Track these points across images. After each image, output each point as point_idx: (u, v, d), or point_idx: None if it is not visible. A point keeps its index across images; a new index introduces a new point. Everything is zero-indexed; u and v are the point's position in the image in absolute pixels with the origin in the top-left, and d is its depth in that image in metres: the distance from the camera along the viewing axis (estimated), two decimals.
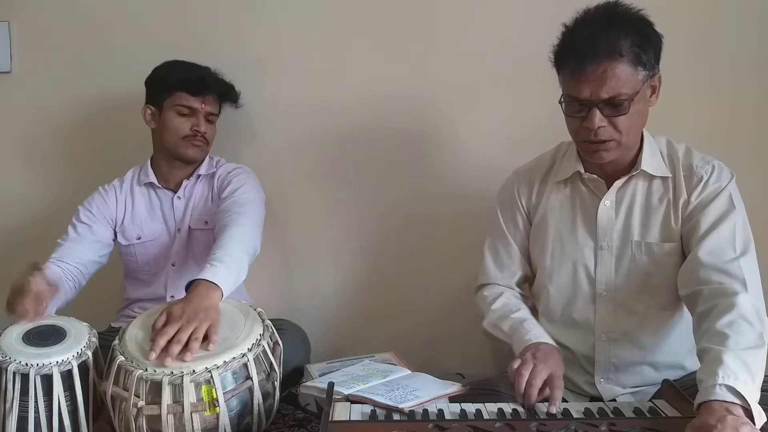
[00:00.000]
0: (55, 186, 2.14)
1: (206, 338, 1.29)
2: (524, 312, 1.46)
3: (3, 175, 2.17)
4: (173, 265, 1.81)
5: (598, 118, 1.29)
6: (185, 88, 1.78)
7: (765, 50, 1.82)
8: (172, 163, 1.84)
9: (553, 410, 1.22)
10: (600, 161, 1.37)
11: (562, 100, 1.34)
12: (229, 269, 1.43)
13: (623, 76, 1.26)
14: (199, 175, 1.84)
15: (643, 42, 1.28)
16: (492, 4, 1.91)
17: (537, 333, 1.37)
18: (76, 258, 1.70)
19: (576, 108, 1.31)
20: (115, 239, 1.83)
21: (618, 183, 1.40)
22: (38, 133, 2.14)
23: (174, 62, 1.84)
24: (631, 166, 1.40)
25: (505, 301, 1.49)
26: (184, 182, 1.84)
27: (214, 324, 1.31)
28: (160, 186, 1.85)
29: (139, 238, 1.82)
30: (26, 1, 2.10)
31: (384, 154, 2.00)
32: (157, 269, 1.82)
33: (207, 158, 1.88)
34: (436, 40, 1.94)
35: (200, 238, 1.80)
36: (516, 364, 1.28)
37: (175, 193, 1.84)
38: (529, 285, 1.59)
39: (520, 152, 1.64)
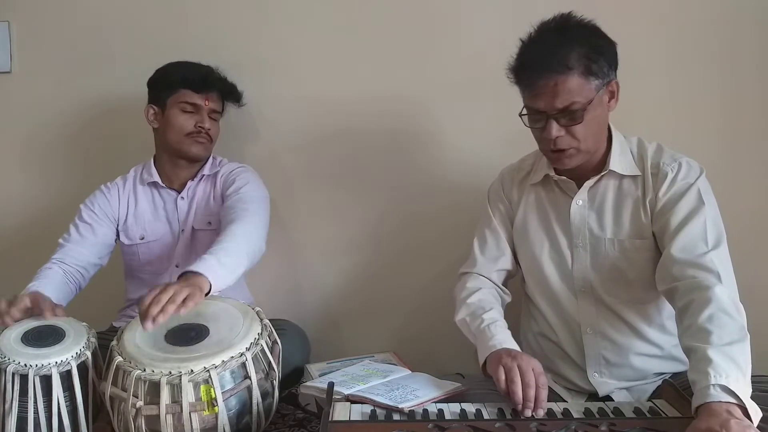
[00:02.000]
0: (56, 186, 2.14)
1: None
2: (495, 313, 1.46)
3: (3, 175, 2.17)
4: (177, 266, 1.80)
5: (555, 129, 1.34)
6: (189, 85, 1.78)
7: (766, 51, 1.81)
8: (176, 162, 1.84)
9: (541, 414, 1.22)
10: (564, 167, 1.41)
11: (524, 112, 1.39)
12: (219, 261, 1.42)
13: (575, 87, 1.31)
14: (203, 175, 1.84)
15: (593, 52, 1.31)
16: (490, 5, 1.91)
17: (501, 338, 1.37)
18: (77, 260, 1.70)
19: (535, 119, 1.37)
20: (116, 239, 1.82)
21: (589, 183, 1.44)
22: (38, 133, 2.14)
23: (177, 62, 1.84)
24: (601, 166, 1.43)
25: (480, 297, 1.50)
26: (189, 183, 1.83)
27: (193, 295, 1.30)
28: (163, 186, 1.84)
29: (143, 238, 1.81)
30: (26, 1, 2.11)
31: (385, 153, 2.00)
32: (160, 270, 1.81)
33: (210, 158, 1.87)
34: (435, 41, 1.94)
35: (203, 239, 1.79)
36: (502, 375, 1.27)
37: (179, 193, 1.83)
38: (521, 281, 1.60)
39: (519, 151, 1.64)
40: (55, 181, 2.14)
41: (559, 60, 1.29)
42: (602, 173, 1.42)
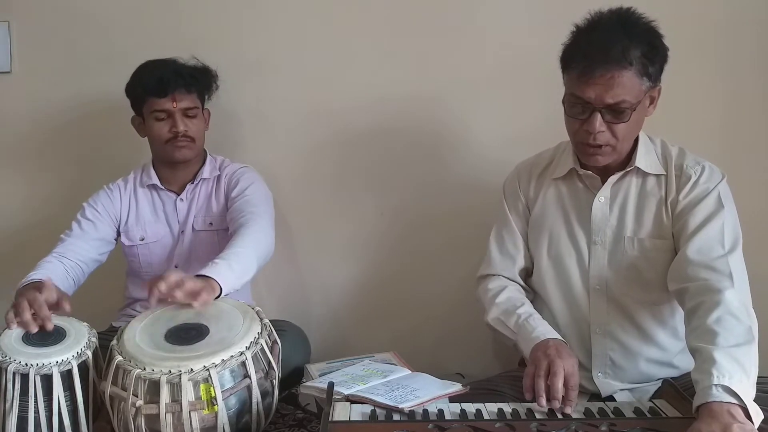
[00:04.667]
0: (55, 186, 2.14)
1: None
2: (528, 307, 1.46)
3: (2, 174, 2.17)
4: (176, 267, 1.79)
5: (598, 122, 1.32)
6: (150, 92, 1.74)
7: (766, 51, 1.81)
8: (171, 166, 1.83)
9: (569, 411, 1.23)
10: (595, 164, 1.40)
11: (565, 99, 1.37)
12: (230, 267, 1.44)
13: (629, 84, 1.29)
14: (202, 179, 1.83)
15: (653, 54, 1.31)
16: (496, 3, 1.91)
17: (543, 330, 1.38)
18: (78, 255, 1.70)
19: (578, 109, 1.34)
20: (117, 238, 1.82)
21: (613, 179, 1.43)
22: (38, 133, 2.13)
23: (142, 66, 1.80)
24: (625, 163, 1.43)
25: (508, 295, 1.49)
26: (188, 185, 1.83)
27: (207, 289, 1.34)
28: (162, 188, 1.84)
29: (143, 239, 1.82)
30: (26, 1, 2.10)
31: (384, 155, 2.00)
32: (160, 271, 1.79)
33: (209, 159, 1.86)
34: (440, 40, 1.94)
35: (204, 239, 1.80)
36: (531, 368, 1.29)
37: (178, 195, 1.83)
38: (529, 276, 1.59)
39: (524, 151, 1.64)
40: (54, 181, 2.14)
41: (622, 53, 1.27)
42: (627, 169, 1.41)
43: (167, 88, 1.73)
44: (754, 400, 1.09)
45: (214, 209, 1.80)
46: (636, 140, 1.42)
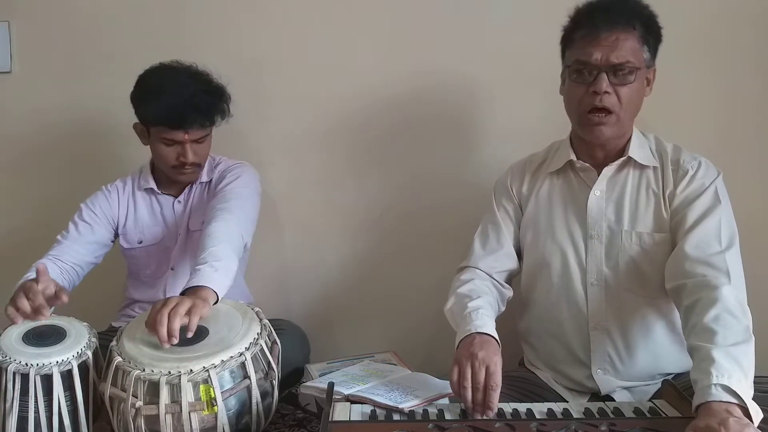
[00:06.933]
0: (55, 187, 2.14)
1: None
2: (481, 301, 1.40)
3: (2, 175, 2.17)
4: (172, 269, 1.80)
5: (605, 83, 1.35)
6: (162, 123, 1.67)
7: (765, 50, 1.81)
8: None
9: (490, 415, 1.20)
10: (598, 137, 1.40)
11: (567, 71, 1.41)
12: (213, 267, 1.41)
13: (632, 47, 1.35)
14: (201, 182, 1.83)
15: (649, 26, 1.38)
16: (492, 4, 1.91)
17: (479, 323, 1.32)
18: (73, 258, 1.69)
19: (584, 75, 1.38)
20: (113, 241, 1.82)
21: (608, 171, 1.44)
22: (38, 133, 2.14)
23: (154, 84, 1.70)
24: (620, 155, 1.44)
25: (471, 287, 1.46)
26: (185, 189, 1.82)
27: (196, 306, 1.30)
28: (160, 192, 1.83)
29: (141, 242, 1.81)
30: (26, 1, 2.11)
31: (383, 153, 1.99)
32: (158, 273, 1.81)
33: (207, 161, 1.84)
34: (438, 39, 1.93)
35: (198, 240, 1.78)
36: (455, 375, 1.25)
37: (176, 198, 1.83)
38: (520, 278, 1.58)
39: (524, 148, 1.65)
40: (54, 182, 2.14)
41: (626, 18, 1.34)
42: (621, 158, 1.42)
43: (183, 123, 1.66)
44: (753, 399, 1.09)
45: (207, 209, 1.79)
46: (631, 133, 1.44)
